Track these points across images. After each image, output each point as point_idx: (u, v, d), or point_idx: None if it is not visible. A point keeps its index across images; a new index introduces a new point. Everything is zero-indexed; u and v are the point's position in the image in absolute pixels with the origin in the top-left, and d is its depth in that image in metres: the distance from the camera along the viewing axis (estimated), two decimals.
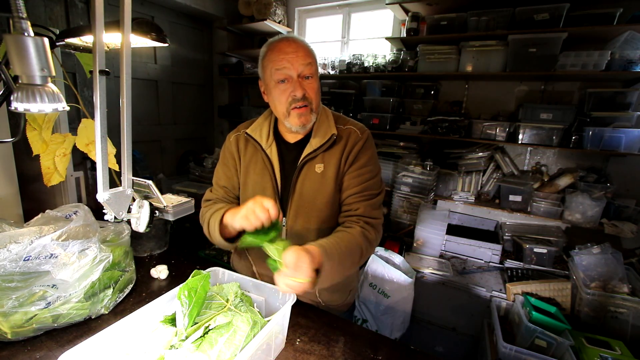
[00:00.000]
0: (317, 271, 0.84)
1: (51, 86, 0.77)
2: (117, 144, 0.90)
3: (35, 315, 0.84)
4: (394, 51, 2.51)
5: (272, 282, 0.88)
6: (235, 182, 1.14)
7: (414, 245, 2.29)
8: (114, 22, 0.82)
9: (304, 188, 1.03)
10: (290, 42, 0.95)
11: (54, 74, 0.77)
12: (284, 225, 1.05)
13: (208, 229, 1.02)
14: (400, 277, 1.92)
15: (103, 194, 0.78)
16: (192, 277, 0.85)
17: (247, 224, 0.84)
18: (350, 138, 1.04)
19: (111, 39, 1.03)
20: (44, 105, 0.76)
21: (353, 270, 0.98)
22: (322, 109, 1.07)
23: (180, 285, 0.83)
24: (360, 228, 0.97)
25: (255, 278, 0.99)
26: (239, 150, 1.11)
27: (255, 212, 0.83)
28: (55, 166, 1.23)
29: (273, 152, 1.05)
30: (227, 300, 0.85)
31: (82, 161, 1.95)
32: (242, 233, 0.92)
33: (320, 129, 1.03)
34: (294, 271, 0.74)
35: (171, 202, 0.98)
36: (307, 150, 1.02)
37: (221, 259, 1.81)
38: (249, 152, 1.10)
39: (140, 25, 0.91)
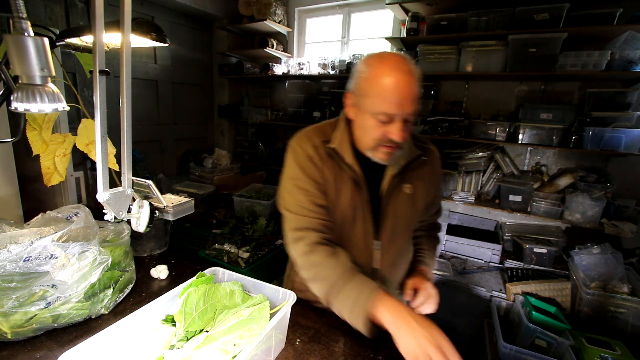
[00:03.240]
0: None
1: (51, 86, 0.77)
2: (117, 144, 0.90)
3: (35, 315, 0.84)
4: (394, 51, 2.52)
5: (309, 298, 1.02)
6: (327, 200, 0.98)
7: None
8: (114, 22, 0.82)
9: (398, 210, 0.98)
10: (409, 83, 0.81)
11: (54, 74, 0.77)
12: (377, 248, 0.98)
13: (341, 307, 0.84)
14: None
15: (103, 194, 0.78)
16: (197, 278, 0.85)
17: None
18: (434, 158, 1.05)
19: (111, 39, 1.02)
20: (44, 105, 0.76)
21: None
22: None
23: (184, 285, 0.83)
24: (436, 230, 1.21)
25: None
26: (323, 163, 0.96)
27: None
28: (55, 166, 1.22)
29: (359, 171, 0.95)
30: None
31: (82, 161, 1.95)
32: None
33: (404, 147, 0.95)
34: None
35: (171, 202, 0.97)
36: (394, 169, 0.95)
37: (221, 259, 1.81)
38: (331, 167, 0.96)
39: (140, 25, 0.91)
